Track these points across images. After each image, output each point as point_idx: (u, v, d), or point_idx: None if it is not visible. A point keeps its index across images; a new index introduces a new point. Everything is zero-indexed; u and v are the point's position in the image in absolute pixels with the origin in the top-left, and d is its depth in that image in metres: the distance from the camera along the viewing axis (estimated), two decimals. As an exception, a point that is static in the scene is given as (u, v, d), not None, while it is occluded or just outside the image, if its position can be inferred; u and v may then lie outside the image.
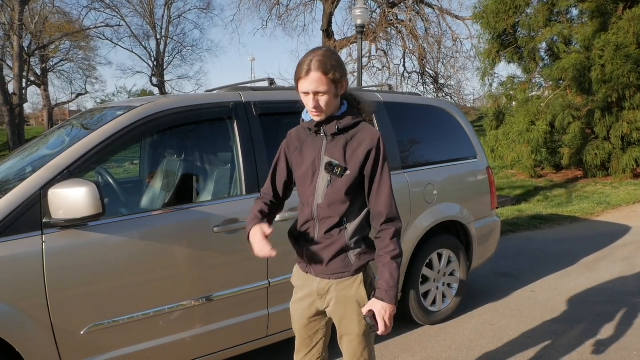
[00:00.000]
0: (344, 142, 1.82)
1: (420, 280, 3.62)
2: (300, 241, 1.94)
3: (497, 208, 4.26)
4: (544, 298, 4.28)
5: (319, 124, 1.82)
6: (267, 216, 1.97)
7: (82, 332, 2.25)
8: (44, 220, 2.18)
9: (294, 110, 3.01)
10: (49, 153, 2.58)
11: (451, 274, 3.86)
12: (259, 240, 1.77)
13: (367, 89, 4.05)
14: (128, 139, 2.46)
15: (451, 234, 3.85)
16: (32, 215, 2.17)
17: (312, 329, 2.01)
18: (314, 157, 1.85)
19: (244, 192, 2.72)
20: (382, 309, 1.77)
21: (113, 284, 2.31)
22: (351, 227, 1.86)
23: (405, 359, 3.25)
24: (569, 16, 12.16)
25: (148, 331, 2.43)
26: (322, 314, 1.99)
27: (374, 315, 1.78)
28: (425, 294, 3.71)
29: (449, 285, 3.86)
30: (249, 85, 3.12)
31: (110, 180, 2.68)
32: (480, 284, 4.66)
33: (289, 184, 2.03)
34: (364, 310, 1.82)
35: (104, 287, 2.29)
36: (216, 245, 2.58)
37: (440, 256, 3.75)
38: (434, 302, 3.76)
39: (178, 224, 2.49)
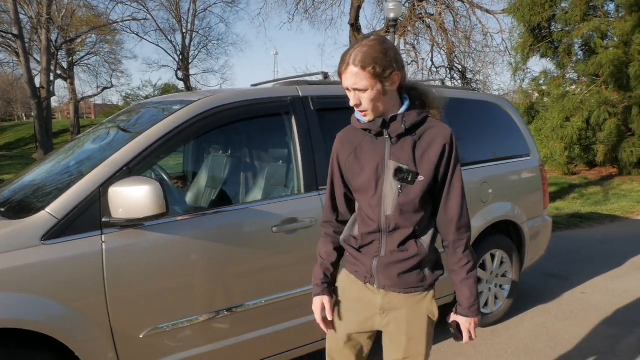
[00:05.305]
0: (412, 142, 1.59)
1: (473, 281, 3.49)
2: (362, 252, 1.70)
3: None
4: (596, 300, 4.11)
5: (383, 125, 1.59)
6: (335, 266, 1.80)
7: (141, 336, 2.18)
8: (103, 220, 2.10)
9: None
10: (103, 149, 2.51)
11: (503, 275, 3.72)
12: (319, 315, 1.77)
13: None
14: (188, 134, 2.38)
15: (504, 234, 3.71)
16: (91, 214, 2.09)
17: (353, 348, 1.78)
18: (376, 163, 1.61)
19: (302, 191, 2.62)
20: (466, 322, 1.70)
21: (171, 286, 2.23)
22: (427, 238, 1.66)
23: (460, 363, 3.14)
24: (605, 9, 11.80)
25: (208, 334, 2.35)
26: (369, 332, 1.78)
27: (457, 326, 1.73)
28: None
29: (500, 286, 3.73)
30: (304, 79, 3.01)
31: (165, 178, 2.60)
32: (528, 285, 4.51)
33: (351, 197, 1.77)
34: (449, 319, 1.74)
35: (162, 289, 2.21)
36: (276, 245, 2.49)
37: (493, 257, 3.62)
38: (486, 304, 3.64)
39: (239, 223, 2.41)
